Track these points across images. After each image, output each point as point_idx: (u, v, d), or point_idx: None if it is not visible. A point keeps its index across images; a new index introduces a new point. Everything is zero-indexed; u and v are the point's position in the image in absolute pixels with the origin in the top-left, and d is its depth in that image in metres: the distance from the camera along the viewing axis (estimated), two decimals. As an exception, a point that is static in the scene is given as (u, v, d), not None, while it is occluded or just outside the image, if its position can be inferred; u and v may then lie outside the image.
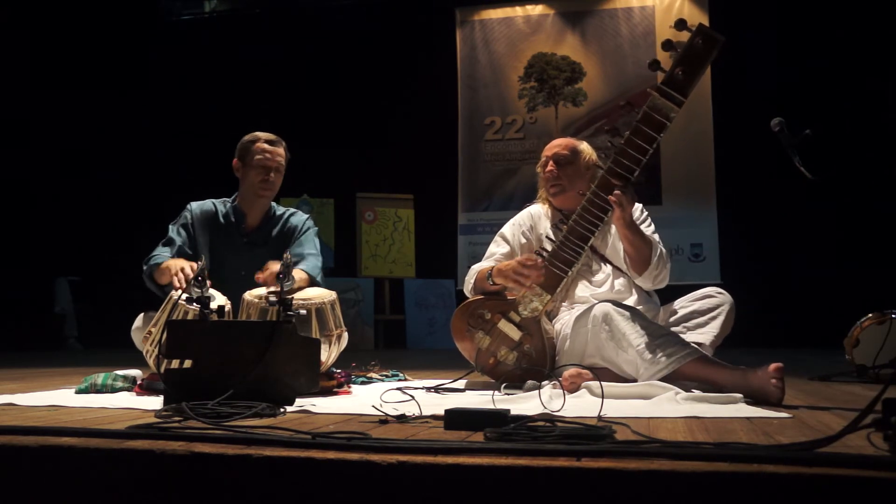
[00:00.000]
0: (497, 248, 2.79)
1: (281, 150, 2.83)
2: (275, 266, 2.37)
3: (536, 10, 7.29)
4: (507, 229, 2.84)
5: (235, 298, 2.44)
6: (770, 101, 5.74)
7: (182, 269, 2.40)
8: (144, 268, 2.66)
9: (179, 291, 2.26)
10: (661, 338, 2.22)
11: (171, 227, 2.82)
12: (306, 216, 2.95)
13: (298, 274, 2.56)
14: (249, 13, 7.99)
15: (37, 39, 7.31)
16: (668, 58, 2.22)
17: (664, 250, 2.54)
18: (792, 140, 2.29)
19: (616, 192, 2.30)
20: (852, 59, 6.11)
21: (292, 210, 2.94)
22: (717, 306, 2.44)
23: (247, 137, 2.84)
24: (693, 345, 2.25)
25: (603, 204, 2.36)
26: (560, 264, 2.45)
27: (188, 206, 2.87)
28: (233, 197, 2.90)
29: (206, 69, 7.62)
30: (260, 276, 2.47)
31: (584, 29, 7.14)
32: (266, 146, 2.80)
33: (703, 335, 2.40)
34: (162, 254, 2.69)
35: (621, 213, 2.34)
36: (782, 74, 6.25)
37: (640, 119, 2.24)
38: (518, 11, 7.33)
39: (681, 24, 2.16)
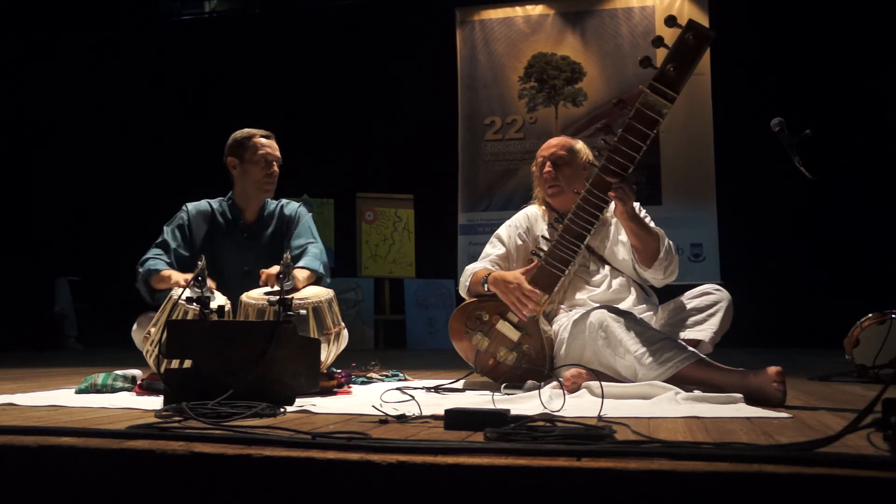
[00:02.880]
0: (493, 250, 2.77)
1: (276, 144, 2.86)
2: (275, 268, 2.38)
3: (536, 10, 7.29)
4: (503, 231, 2.82)
5: (236, 296, 2.43)
6: (770, 101, 5.74)
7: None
8: (140, 270, 2.64)
9: (180, 290, 2.26)
10: (659, 343, 2.21)
11: (165, 228, 2.81)
12: (298, 204, 2.95)
13: (301, 273, 2.56)
14: (249, 13, 7.99)
15: (36, 39, 7.31)
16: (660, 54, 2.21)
17: (671, 242, 2.52)
18: (792, 140, 2.29)
19: (615, 185, 2.28)
20: (852, 58, 6.11)
21: (284, 201, 2.94)
22: (715, 303, 2.43)
23: (239, 134, 2.83)
24: (691, 348, 2.24)
25: (598, 202, 2.35)
26: (557, 263, 2.44)
27: (184, 208, 2.86)
28: (227, 195, 2.89)
29: (206, 69, 7.62)
30: (263, 277, 2.47)
31: (584, 29, 7.14)
32: (264, 140, 2.82)
33: (702, 332, 2.40)
34: (158, 257, 2.68)
35: (623, 207, 2.32)
36: (782, 74, 6.25)
37: (632, 116, 2.23)
38: (518, 11, 7.33)
39: (671, 21, 2.15)
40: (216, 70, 7.58)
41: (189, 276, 2.44)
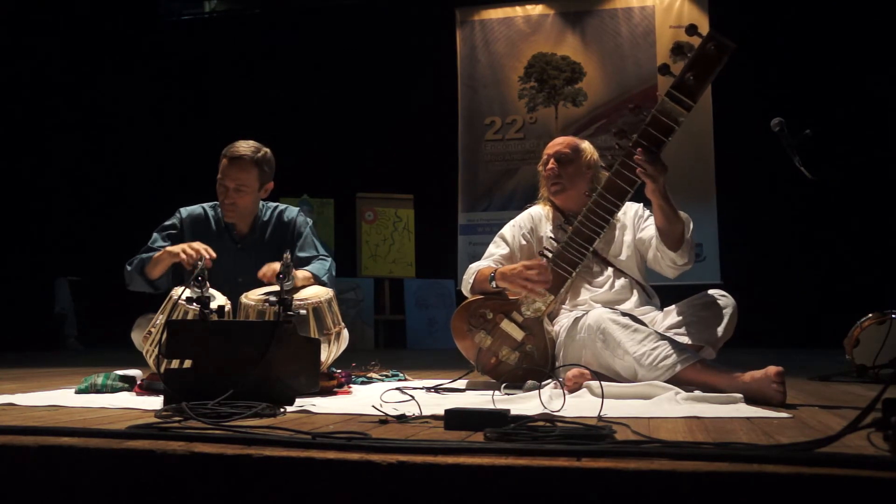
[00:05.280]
0: (496, 249, 2.77)
1: (242, 171, 2.64)
2: (276, 265, 2.36)
3: (536, 10, 7.29)
4: (507, 230, 2.82)
5: (233, 304, 2.41)
6: (770, 101, 5.74)
7: (184, 251, 2.38)
8: (128, 268, 2.61)
9: (179, 290, 2.26)
10: (658, 344, 2.20)
11: (155, 234, 2.73)
12: (297, 210, 2.85)
13: (301, 273, 2.54)
14: (249, 13, 8.00)
15: (36, 41, 7.31)
16: (672, 61, 2.21)
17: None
18: (792, 140, 2.29)
19: (641, 165, 2.22)
20: (852, 59, 6.11)
21: (280, 207, 2.84)
22: (721, 309, 2.41)
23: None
24: (691, 349, 2.24)
25: (609, 206, 2.36)
26: (564, 265, 2.45)
27: (177, 213, 2.79)
28: None
29: (206, 69, 7.62)
30: (261, 275, 2.46)
31: (584, 29, 7.14)
32: (225, 163, 2.66)
33: (706, 338, 2.38)
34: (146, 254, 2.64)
35: (654, 185, 2.27)
36: (782, 74, 6.25)
37: (648, 122, 2.23)
38: (518, 11, 7.33)
39: (692, 30, 2.15)
40: (216, 70, 7.58)
41: (184, 245, 2.43)
